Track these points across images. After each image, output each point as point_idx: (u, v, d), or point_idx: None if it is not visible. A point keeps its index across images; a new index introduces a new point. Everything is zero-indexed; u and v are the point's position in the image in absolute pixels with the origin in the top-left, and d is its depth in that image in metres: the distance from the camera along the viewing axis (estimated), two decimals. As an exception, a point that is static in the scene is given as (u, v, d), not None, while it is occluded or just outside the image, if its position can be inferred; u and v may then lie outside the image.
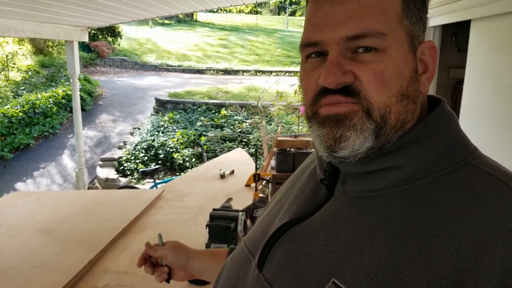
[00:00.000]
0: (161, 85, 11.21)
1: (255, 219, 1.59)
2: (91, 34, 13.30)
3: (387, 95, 0.44)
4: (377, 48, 0.43)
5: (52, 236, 1.48)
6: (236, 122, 7.78)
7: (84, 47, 13.32)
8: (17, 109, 7.83)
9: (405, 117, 0.46)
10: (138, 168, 6.49)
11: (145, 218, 1.72)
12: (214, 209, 1.54)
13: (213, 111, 8.41)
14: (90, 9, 3.15)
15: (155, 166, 6.18)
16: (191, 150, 6.88)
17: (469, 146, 0.47)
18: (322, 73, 0.44)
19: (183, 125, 7.93)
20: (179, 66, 14.23)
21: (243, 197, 2.02)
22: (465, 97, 1.94)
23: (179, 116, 8.36)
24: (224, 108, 8.37)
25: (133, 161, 6.74)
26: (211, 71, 13.80)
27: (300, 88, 5.06)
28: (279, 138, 3.28)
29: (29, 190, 6.31)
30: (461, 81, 2.48)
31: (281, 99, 5.24)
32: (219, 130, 7.60)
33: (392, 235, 0.41)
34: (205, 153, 5.73)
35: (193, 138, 7.24)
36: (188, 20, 21.85)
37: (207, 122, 7.82)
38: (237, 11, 21.75)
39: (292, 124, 6.25)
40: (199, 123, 7.82)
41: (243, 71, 13.76)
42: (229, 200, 1.96)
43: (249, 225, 1.56)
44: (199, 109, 8.55)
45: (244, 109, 8.17)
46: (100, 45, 13.83)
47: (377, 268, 0.40)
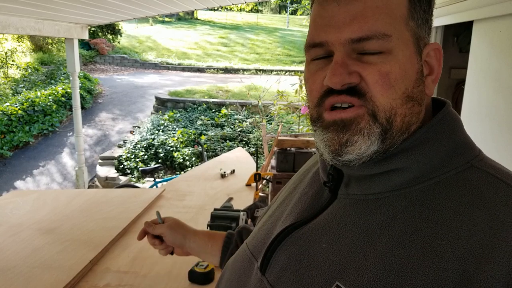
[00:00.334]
0: (161, 84, 11.20)
1: (256, 219, 1.59)
2: (91, 31, 13.28)
3: (392, 97, 0.44)
4: (382, 50, 0.43)
5: (52, 235, 1.48)
6: (236, 121, 7.77)
7: (83, 44, 13.29)
8: (17, 106, 7.82)
9: (410, 120, 0.45)
10: (138, 166, 6.49)
11: (146, 217, 1.72)
12: (215, 209, 1.54)
13: (214, 110, 8.40)
14: (90, 6, 3.14)
15: (155, 165, 6.19)
16: (191, 149, 6.88)
17: (474, 148, 0.47)
18: (327, 74, 0.44)
19: (183, 124, 7.92)
20: (179, 64, 14.21)
21: (243, 197, 2.02)
22: (466, 97, 1.93)
23: (179, 115, 8.35)
24: (224, 107, 8.36)
25: (133, 159, 6.73)
26: (212, 70, 13.78)
27: (301, 87, 5.06)
28: (279, 137, 3.28)
29: (28, 188, 6.30)
30: (462, 82, 2.47)
31: (281, 99, 5.23)
32: (219, 129, 7.60)
33: (396, 238, 0.41)
34: (205, 152, 5.72)
35: (193, 137, 7.23)
36: (188, 18, 21.81)
37: (208, 121, 7.81)
38: (238, 10, 21.70)
39: (292, 123, 6.25)
40: (199, 122, 7.81)
41: (244, 70, 13.74)
42: (230, 199, 1.95)
43: (249, 225, 1.55)
44: (199, 108, 8.54)
45: (244, 108, 8.16)
46: (100, 43, 13.80)
47: (381, 271, 0.39)
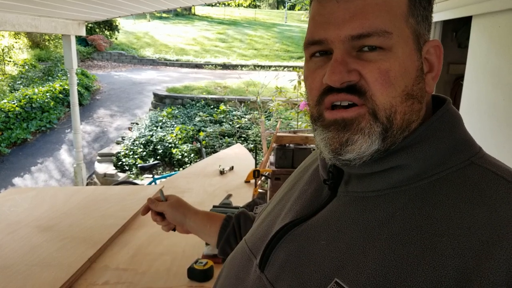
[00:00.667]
0: (159, 80, 11.16)
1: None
2: (88, 27, 13.20)
3: (392, 95, 0.44)
4: (382, 46, 0.43)
5: (51, 232, 1.47)
6: (235, 117, 7.76)
7: (81, 40, 13.21)
8: (14, 103, 7.78)
9: (410, 117, 0.45)
10: (136, 163, 6.48)
11: (144, 214, 1.72)
12: (214, 206, 1.53)
13: (212, 106, 8.38)
14: (87, 3, 3.11)
15: (153, 161, 6.18)
16: (190, 145, 6.87)
17: (474, 145, 0.47)
18: (326, 72, 0.44)
19: (181, 120, 7.90)
20: (177, 60, 14.15)
21: (243, 193, 2.02)
22: (465, 93, 1.93)
23: (177, 111, 8.33)
24: (223, 103, 8.35)
25: (131, 156, 6.72)
26: (210, 66, 13.74)
27: (299, 83, 5.05)
28: (278, 133, 3.28)
29: (27, 185, 6.29)
30: (460, 77, 2.47)
31: (280, 95, 5.22)
32: (218, 125, 7.59)
33: (395, 235, 0.41)
34: (203, 149, 5.71)
35: (191, 133, 7.23)
36: (186, 13, 21.69)
37: (206, 117, 7.80)
38: (235, 5, 21.60)
39: (291, 119, 6.24)
40: (197, 119, 7.80)
41: (242, 66, 13.70)
42: (229, 196, 1.95)
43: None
44: (197, 104, 8.52)
45: (243, 105, 8.15)
46: (97, 39, 13.72)
47: (380, 267, 0.39)
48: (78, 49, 12.01)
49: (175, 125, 7.56)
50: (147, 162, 6.43)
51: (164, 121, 7.82)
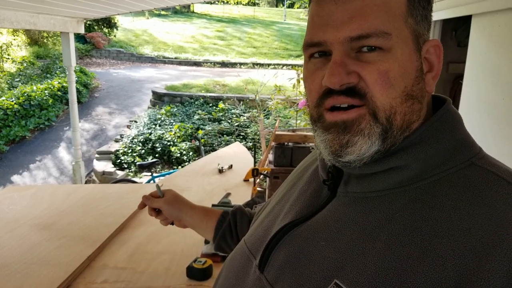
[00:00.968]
0: (158, 78, 11.13)
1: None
2: (87, 25, 13.15)
3: (392, 95, 0.43)
4: (381, 47, 0.43)
5: (50, 231, 1.47)
6: (233, 115, 7.75)
7: (79, 38, 13.17)
8: (12, 101, 7.76)
9: (410, 118, 0.45)
10: (135, 161, 6.48)
11: (143, 213, 1.72)
12: (213, 205, 1.53)
13: (211, 105, 8.38)
14: (86, 0, 3.10)
15: (152, 159, 6.17)
16: (188, 143, 6.87)
17: (474, 146, 0.46)
18: (326, 74, 0.44)
19: (180, 118, 7.90)
20: (175, 58, 14.12)
21: (241, 192, 2.02)
22: (464, 92, 1.93)
23: (176, 109, 8.32)
24: (221, 101, 8.34)
25: (130, 154, 6.71)
26: (208, 64, 13.71)
27: (298, 82, 5.03)
28: (277, 132, 3.27)
29: (25, 183, 6.28)
30: (460, 76, 2.47)
31: (279, 93, 5.22)
32: (216, 123, 7.58)
33: (395, 236, 0.41)
34: (202, 147, 5.71)
35: (190, 131, 7.22)
36: (185, 11, 21.63)
37: (205, 115, 7.79)
38: (234, 3, 21.55)
39: (290, 118, 6.24)
40: (196, 117, 7.79)
41: (241, 64, 13.68)
42: (228, 195, 1.95)
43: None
44: (196, 102, 8.51)
45: (242, 103, 8.14)
46: (95, 36, 13.67)
47: (380, 268, 0.39)
48: (76, 46, 11.99)
49: (174, 123, 7.55)
50: (146, 160, 6.43)
51: (162, 119, 7.81)
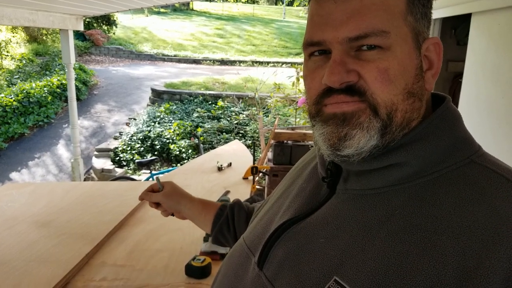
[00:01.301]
0: (157, 75, 11.12)
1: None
2: (86, 22, 13.10)
3: (393, 92, 0.43)
4: (381, 45, 0.43)
5: (48, 228, 1.47)
6: (233, 113, 7.75)
7: (78, 35, 13.14)
8: (11, 98, 7.75)
9: (411, 115, 0.45)
10: (134, 159, 6.47)
11: (142, 210, 1.72)
12: (212, 202, 1.53)
13: (210, 102, 8.37)
14: (85, -3, 3.09)
15: (151, 157, 6.17)
16: (187, 141, 6.86)
17: (474, 144, 0.46)
18: (325, 72, 0.44)
19: (179, 116, 7.89)
20: (175, 55, 14.09)
21: (240, 190, 2.02)
22: (464, 91, 1.93)
23: (175, 107, 8.32)
24: (221, 99, 8.33)
25: (129, 151, 6.71)
26: (208, 61, 13.70)
27: (298, 80, 5.03)
28: (276, 130, 3.27)
29: (24, 180, 6.28)
30: (459, 75, 2.47)
31: (278, 91, 5.21)
32: (215, 121, 7.58)
33: (395, 233, 0.41)
34: (201, 145, 5.71)
35: (189, 129, 7.21)
36: (184, 9, 21.58)
37: (204, 113, 7.78)
38: (234, 0, 21.49)
39: (289, 116, 6.24)
40: (195, 114, 7.79)
41: (240, 62, 13.67)
42: (227, 193, 1.95)
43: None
44: (195, 100, 8.51)
45: (241, 101, 8.13)
46: (95, 34, 13.64)
47: (380, 265, 0.39)
48: (76, 43, 11.96)
49: (173, 121, 7.55)
50: (145, 157, 6.43)
51: (162, 116, 7.81)
